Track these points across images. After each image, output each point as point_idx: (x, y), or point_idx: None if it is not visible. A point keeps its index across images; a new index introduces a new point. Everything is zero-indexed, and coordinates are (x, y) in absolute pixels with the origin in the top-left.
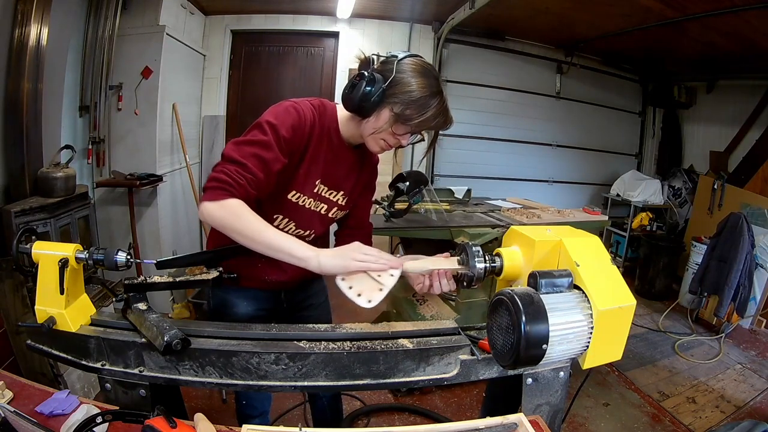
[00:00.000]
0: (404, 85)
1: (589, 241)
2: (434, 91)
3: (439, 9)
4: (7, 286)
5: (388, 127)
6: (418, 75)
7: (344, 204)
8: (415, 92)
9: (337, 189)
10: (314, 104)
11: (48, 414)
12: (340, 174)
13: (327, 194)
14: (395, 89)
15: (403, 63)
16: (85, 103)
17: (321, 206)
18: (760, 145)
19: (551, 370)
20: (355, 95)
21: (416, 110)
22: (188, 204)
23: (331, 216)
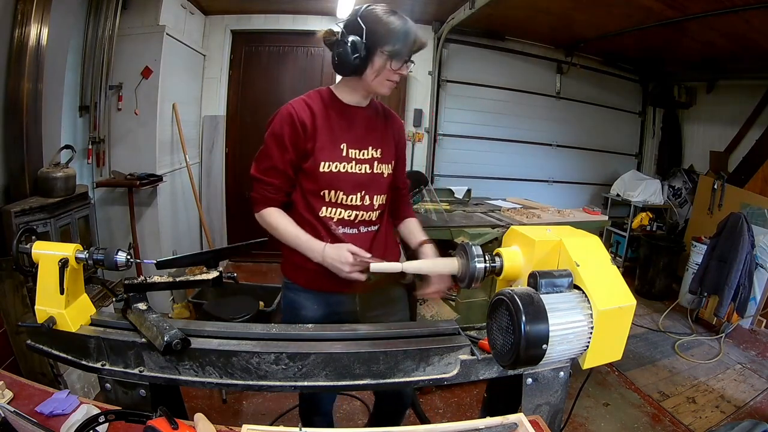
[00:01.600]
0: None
1: (589, 241)
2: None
3: (439, 9)
4: (7, 286)
5: (387, 67)
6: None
7: (381, 156)
8: (394, 29)
9: (366, 146)
10: (306, 95)
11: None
12: (361, 133)
13: (359, 154)
14: (376, 36)
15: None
16: (85, 103)
17: (362, 167)
18: (760, 145)
19: (551, 370)
20: (346, 59)
21: (403, 42)
22: (188, 204)
23: (377, 172)
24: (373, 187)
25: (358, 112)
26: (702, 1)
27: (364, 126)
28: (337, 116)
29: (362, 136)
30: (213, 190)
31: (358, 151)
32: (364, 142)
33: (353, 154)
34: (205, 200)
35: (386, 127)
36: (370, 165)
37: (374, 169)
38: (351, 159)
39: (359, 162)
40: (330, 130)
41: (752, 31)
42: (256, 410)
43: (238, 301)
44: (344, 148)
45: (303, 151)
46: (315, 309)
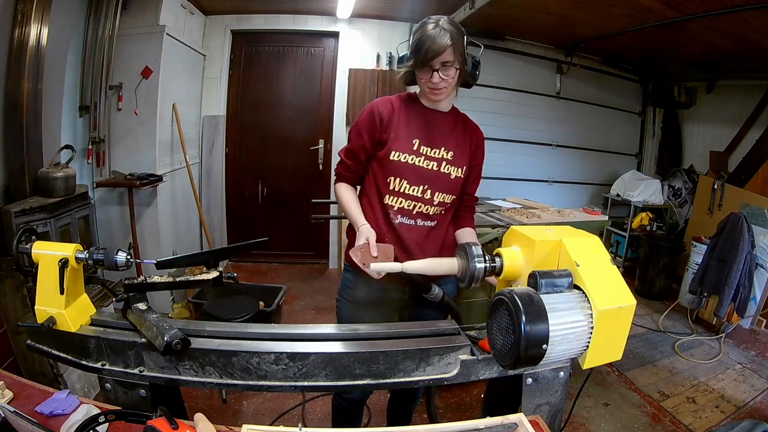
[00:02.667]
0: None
1: (589, 241)
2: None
3: (439, 9)
4: (7, 286)
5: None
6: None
7: (452, 159)
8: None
9: (438, 146)
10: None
11: (48, 414)
12: (437, 133)
13: (431, 152)
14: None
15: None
16: (85, 103)
17: (430, 163)
18: (760, 145)
19: (551, 370)
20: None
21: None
22: (188, 204)
23: (444, 171)
24: (437, 184)
25: (437, 115)
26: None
27: (441, 128)
28: (415, 114)
29: (436, 135)
30: (213, 190)
31: (429, 148)
32: (436, 142)
33: (424, 151)
34: (205, 200)
35: (464, 135)
36: (438, 163)
37: (441, 168)
38: (421, 154)
39: (428, 158)
40: (406, 126)
41: (752, 31)
42: (256, 410)
43: (238, 301)
44: (416, 143)
45: (378, 140)
46: (368, 291)
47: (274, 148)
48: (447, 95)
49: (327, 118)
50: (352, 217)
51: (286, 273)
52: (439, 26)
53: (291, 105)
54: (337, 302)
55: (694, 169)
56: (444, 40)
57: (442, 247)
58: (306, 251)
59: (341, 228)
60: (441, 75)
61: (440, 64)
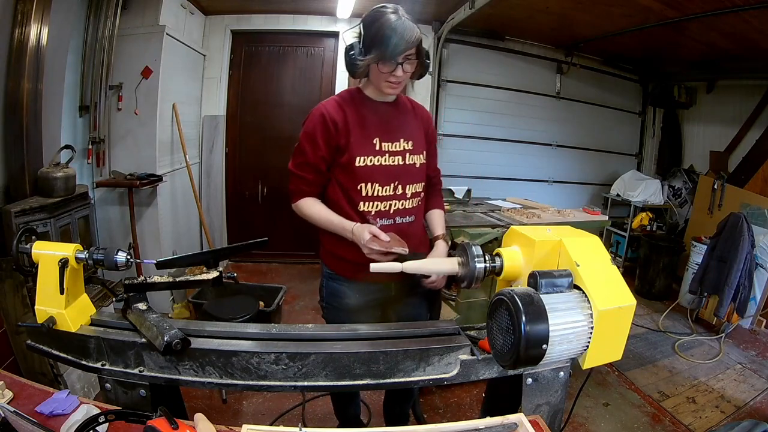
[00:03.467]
0: (372, 32)
1: (589, 241)
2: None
3: (439, 9)
4: (7, 286)
5: (382, 70)
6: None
7: (412, 148)
8: (379, 33)
9: (397, 138)
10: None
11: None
12: (391, 126)
13: (392, 147)
14: (368, 40)
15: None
16: (85, 103)
17: (394, 159)
18: (760, 145)
19: (551, 370)
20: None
21: (383, 47)
22: (188, 204)
23: (410, 162)
24: (406, 177)
25: (387, 107)
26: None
27: (394, 119)
28: (367, 112)
29: (393, 129)
30: (213, 190)
31: (390, 143)
32: (395, 135)
33: (386, 147)
34: (205, 200)
35: (415, 118)
36: (402, 156)
37: (406, 160)
38: (384, 152)
39: (392, 154)
40: (362, 126)
41: (752, 31)
42: (256, 410)
43: (238, 301)
44: (377, 142)
45: (336, 147)
46: (357, 297)
47: (274, 148)
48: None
49: None
50: (335, 224)
51: (286, 273)
52: (401, 17)
53: (291, 105)
54: (323, 309)
55: (694, 169)
56: (414, 32)
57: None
58: (306, 251)
59: None
60: (404, 68)
61: (404, 57)
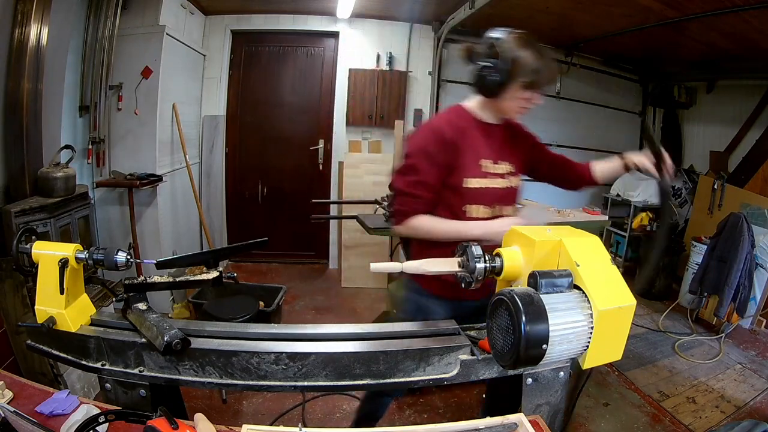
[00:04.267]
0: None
1: (589, 241)
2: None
3: (439, 9)
4: (7, 286)
5: (521, 95)
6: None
7: (514, 170)
8: (530, 62)
9: (501, 160)
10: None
11: (48, 414)
12: (497, 147)
13: (495, 169)
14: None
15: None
16: (85, 103)
17: (498, 181)
18: (760, 145)
19: (551, 370)
20: (487, 83)
21: (536, 74)
22: (188, 204)
23: (512, 186)
24: (506, 199)
25: (496, 129)
26: (702, 1)
27: (500, 142)
28: (477, 133)
29: (498, 151)
30: (213, 190)
31: (495, 165)
32: (499, 157)
33: (491, 169)
34: (205, 200)
35: (517, 141)
36: (505, 179)
37: (509, 182)
38: (490, 174)
39: (497, 176)
40: (472, 148)
41: (752, 31)
42: (256, 410)
43: (238, 301)
44: (484, 164)
45: (449, 167)
46: (442, 313)
47: (274, 148)
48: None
49: (327, 118)
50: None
51: (286, 273)
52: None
53: (291, 105)
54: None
55: (694, 169)
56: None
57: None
58: (306, 251)
59: (341, 228)
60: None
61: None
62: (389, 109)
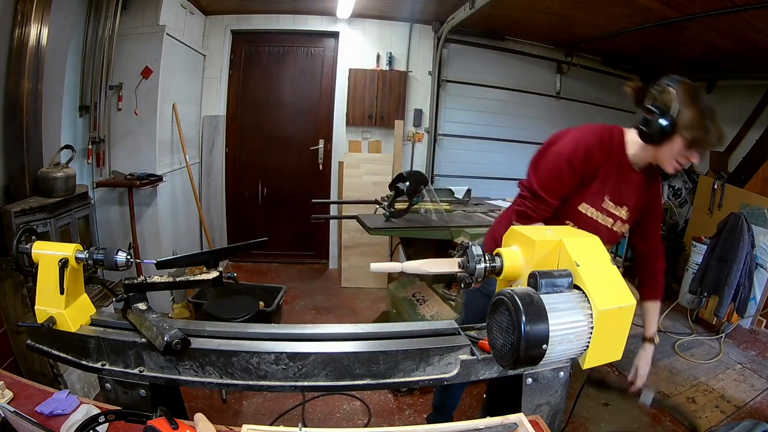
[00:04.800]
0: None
1: (589, 241)
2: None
3: (439, 9)
4: (7, 286)
5: (682, 151)
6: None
7: (626, 218)
8: (697, 119)
9: (622, 204)
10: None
11: (48, 414)
12: (627, 192)
13: (613, 210)
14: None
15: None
16: (85, 103)
17: (608, 220)
18: (760, 145)
19: (551, 370)
20: (654, 129)
21: (703, 134)
22: (188, 204)
23: (615, 229)
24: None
25: (636, 174)
26: (702, 1)
27: (633, 187)
28: (616, 170)
29: (626, 194)
30: (213, 190)
31: (614, 205)
32: (623, 201)
33: (610, 207)
34: (205, 200)
35: (648, 191)
36: (614, 220)
37: (615, 226)
38: (605, 211)
39: (610, 215)
40: (604, 181)
41: (752, 31)
42: (256, 410)
43: (238, 301)
44: (606, 199)
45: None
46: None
47: (274, 148)
48: None
49: (327, 118)
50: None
51: (286, 273)
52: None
53: (291, 105)
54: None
55: (694, 169)
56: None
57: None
58: (306, 251)
59: (341, 228)
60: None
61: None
62: (389, 109)
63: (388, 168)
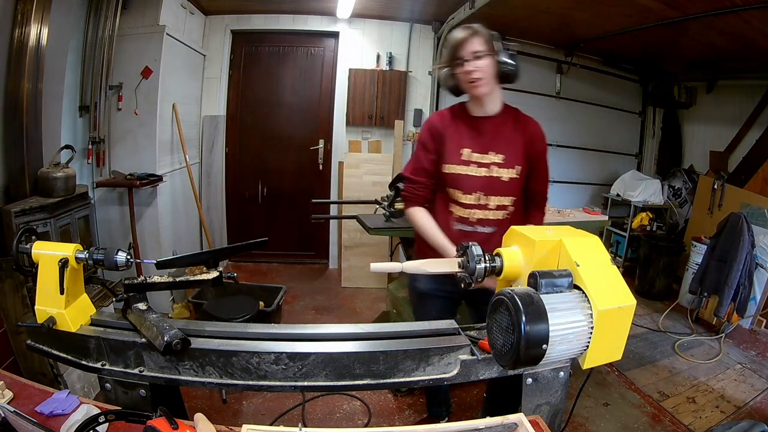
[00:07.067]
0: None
1: (589, 241)
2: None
3: (439, 9)
4: (7, 286)
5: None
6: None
7: (502, 161)
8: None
9: (488, 150)
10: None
11: (48, 414)
12: (486, 139)
13: (480, 158)
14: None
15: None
16: (85, 103)
17: (480, 170)
18: (760, 145)
19: (551, 370)
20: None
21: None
22: (188, 204)
23: (495, 175)
24: (492, 189)
25: (485, 121)
26: (702, 1)
27: (489, 133)
28: (464, 125)
29: (486, 142)
30: (213, 190)
31: (480, 155)
32: (486, 147)
33: (475, 158)
34: (205, 200)
35: (514, 132)
36: (488, 168)
37: (492, 172)
38: (470, 162)
39: (479, 165)
40: (455, 137)
41: (752, 31)
42: (256, 410)
43: (238, 301)
44: (465, 152)
45: (438, 153)
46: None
47: (274, 148)
48: (487, 87)
49: (327, 118)
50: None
51: (286, 273)
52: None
53: (291, 105)
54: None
55: (694, 169)
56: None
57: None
58: (306, 251)
59: (341, 228)
60: (474, 65)
61: (471, 54)
62: (389, 109)
63: (388, 168)
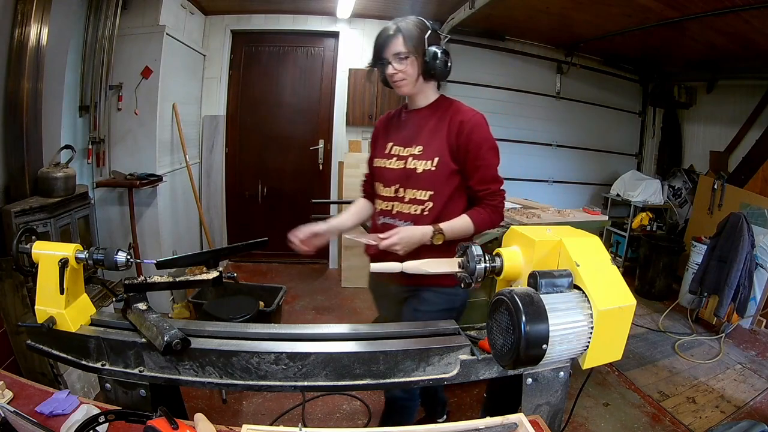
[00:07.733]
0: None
1: (589, 241)
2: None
3: (439, 9)
4: (7, 286)
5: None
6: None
7: (420, 153)
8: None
9: (411, 144)
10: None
11: (48, 414)
12: (410, 133)
13: (402, 152)
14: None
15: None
16: (85, 103)
17: (398, 163)
18: (760, 145)
19: (551, 370)
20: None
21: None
22: (188, 204)
23: (410, 167)
24: (408, 182)
25: (412, 115)
26: (702, 1)
27: (412, 126)
28: (395, 120)
29: (411, 135)
30: (213, 190)
31: (402, 148)
32: (410, 141)
33: (396, 151)
34: (205, 200)
35: (439, 124)
36: (405, 161)
37: (407, 164)
38: (392, 156)
39: (398, 158)
40: (385, 132)
41: (752, 31)
42: (256, 410)
43: (238, 301)
44: (390, 146)
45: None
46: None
47: (274, 148)
48: (409, 87)
49: (327, 118)
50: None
51: (286, 273)
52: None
53: (291, 105)
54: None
55: (694, 169)
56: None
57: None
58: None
59: None
60: (394, 67)
61: (392, 56)
62: (389, 109)
63: None
